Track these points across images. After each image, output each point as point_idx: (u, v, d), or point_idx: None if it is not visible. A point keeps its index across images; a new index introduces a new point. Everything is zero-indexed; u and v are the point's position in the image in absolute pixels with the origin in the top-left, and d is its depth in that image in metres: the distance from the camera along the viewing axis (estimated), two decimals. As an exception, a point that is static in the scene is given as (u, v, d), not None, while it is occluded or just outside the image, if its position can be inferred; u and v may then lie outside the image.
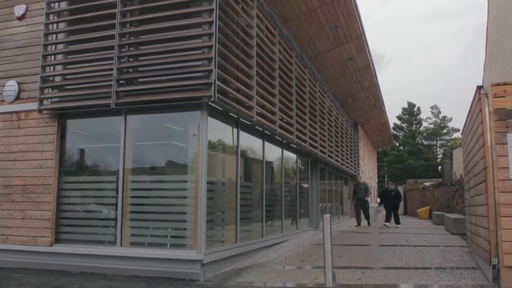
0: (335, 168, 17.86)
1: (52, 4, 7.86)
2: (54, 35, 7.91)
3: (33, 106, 7.77)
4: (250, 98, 8.08)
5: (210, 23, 6.71)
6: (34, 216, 7.57)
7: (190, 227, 6.78)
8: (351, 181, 21.50)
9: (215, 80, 6.49)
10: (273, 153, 10.59)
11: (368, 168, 28.97)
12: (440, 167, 58.49)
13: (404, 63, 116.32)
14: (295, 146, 11.90)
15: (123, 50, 7.20)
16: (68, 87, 7.71)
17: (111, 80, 7.04)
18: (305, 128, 12.05)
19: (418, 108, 70.83)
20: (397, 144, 66.82)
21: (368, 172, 28.83)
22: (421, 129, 71.25)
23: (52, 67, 7.84)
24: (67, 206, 7.62)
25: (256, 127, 9.03)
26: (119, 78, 7.07)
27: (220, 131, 7.82)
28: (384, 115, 23.99)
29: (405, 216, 31.31)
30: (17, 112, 8.03)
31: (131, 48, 7.32)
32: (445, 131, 71.03)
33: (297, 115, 11.22)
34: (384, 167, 65.80)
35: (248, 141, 9.03)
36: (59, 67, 7.84)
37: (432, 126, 71.58)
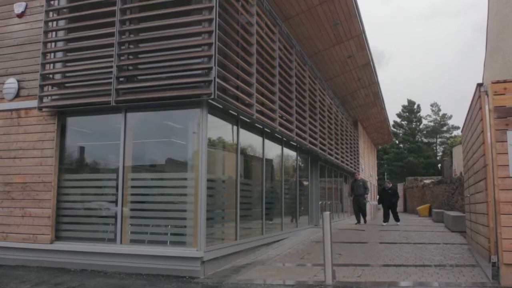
0: (335, 165, 17.86)
1: (51, 2, 7.86)
2: (54, 33, 7.92)
3: (33, 103, 7.77)
4: (250, 95, 8.08)
5: (210, 21, 6.70)
6: (34, 214, 7.58)
7: (190, 225, 6.79)
8: (351, 178, 21.50)
9: (215, 77, 6.49)
10: (273, 150, 10.60)
11: (368, 166, 28.98)
12: (440, 165, 58.51)
13: (404, 61, 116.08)
14: (295, 144, 11.90)
15: (123, 47, 7.20)
16: (68, 84, 7.71)
17: (111, 78, 7.05)
18: (305, 125, 12.05)
19: (418, 106, 70.76)
20: (397, 142, 66.72)
21: (368, 170, 28.84)
22: (421, 126, 71.16)
23: (52, 65, 7.84)
24: (67, 204, 7.63)
25: (256, 124, 9.03)
26: (119, 75, 7.07)
27: (220, 129, 7.82)
28: (384, 112, 23.97)
29: (404, 214, 31.37)
30: (17, 110, 8.03)
31: (131, 46, 7.32)
32: (445, 128, 70.96)
33: (297, 112, 11.22)
34: (384, 164, 65.83)
35: (248, 138, 9.03)
36: (59, 65, 7.84)
37: (432, 124, 71.51)
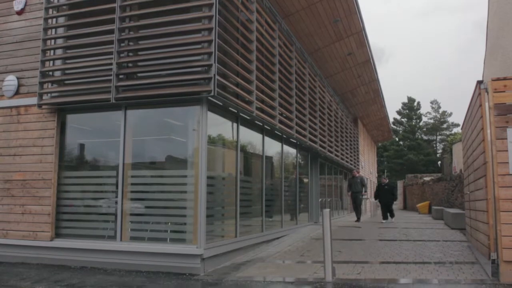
0: (335, 163, 17.87)
1: (51, -1, 7.84)
2: (54, 30, 7.89)
3: (32, 101, 7.76)
4: (249, 92, 8.07)
5: (210, 18, 6.69)
6: (34, 211, 7.58)
7: (190, 222, 6.80)
8: (349, 175, 21.51)
9: (214, 74, 6.48)
10: (273, 148, 10.59)
11: (368, 163, 29.00)
12: (439, 162, 58.48)
13: (404, 58, 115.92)
14: (295, 141, 11.90)
15: (122, 44, 7.19)
16: (68, 81, 7.70)
17: (111, 75, 7.04)
18: (304, 122, 12.04)
19: (418, 103, 70.69)
20: (397, 139, 66.69)
21: (368, 167, 28.86)
22: (421, 124, 71.12)
23: (51, 62, 7.83)
24: (67, 201, 7.64)
25: (256, 121, 9.03)
26: (118, 72, 7.06)
27: (220, 126, 7.81)
28: (384, 110, 23.97)
29: (404, 211, 31.40)
30: (16, 107, 8.02)
31: (130, 43, 7.30)
32: (445, 126, 70.92)
33: (296, 109, 11.21)
34: (384, 162, 65.84)
35: (248, 136, 9.03)
36: (58, 62, 7.83)
37: (432, 121, 71.45)
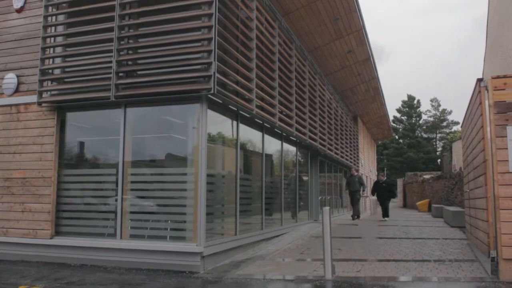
0: (335, 160, 17.87)
1: (50, -4, 7.82)
2: (53, 28, 7.89)
3: (32, 99, 7.76)
4: (249, 90, 8.07)
5: (209, 16, 6.68)
6: (34, 209, 7.59)
7: (190, 220, 6.80)
8: (348, 173, 21.50)
9: (214, 72, 6.48)
10: (272, 145, 10.59)
11: (367, 161, 29.00)
12: (439, 160, 58.49)
13: (404, 56, 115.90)
14: (294, 139, 11.90)
15: (122, 42, 7.18)
16: (68, 79, 7.69)
17: (111, 73, 7.03)
18: (304, 120, 12.04)
19: (418, 101, 70.71)
20: (396, 137, 66.73)
21: (367, 165, 28.87)
22: (420, 122, 71.16)
23: (51, 60, 7.82)
24: (67, 199, 7.64)
25: (256, 119, 9.02)
26: (118, 70, 7.06)
27: (219, 124, 7.81)
28: (384, 108, 23.97)
29: (404, 209, 31.41)
30: (16, 105, 8.02)
31: (130, 41, 7.29)
32: (444, 124, 70.96)
33: (296, 107, 11.21)
34: (384, 160, 65.87)
35: (248, 133, 9.02)
36: (58, 60, 7.82)
37: (431, 119, 71.49)
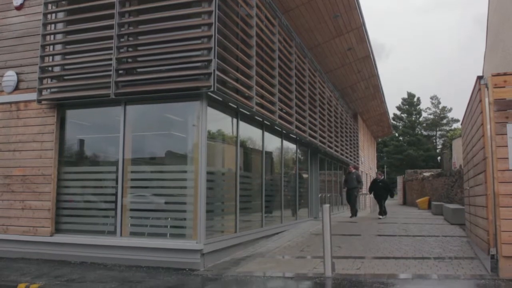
0: (335, 158, 17.87)
1: (50, -6, 7.80)
2: (53, 25, 7.87)
3: (32, 96, 7.75)
4: (249, 88, 8.06)
5: (209, 13, 6.67)
6: (34, 206, 7.59)
7: (190, 217, 6.80)
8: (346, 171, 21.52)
9: (214, 70, 6.47)
10: (272, 143, 10.59)
11: (367, 159, 29.01)
12: (439, 158, 58.50)
13: (404, 54, 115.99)
14: (294, 136, 11.90)
15: (122, 40, 7.17)
16: (67, 77, 7.69)
17: (110, 70, 7.02)
18: (304, 118, 12.03)
19: (418, 99, 70.70)
20: (396, 135, 66.76)
21: (367, 163, 28.88)
22: (420, 119, 71.16)
23: (51, 57, 7.81)
24: (67, 196, 7.64)
25: (256, 117, 9.02)
26: (118, 68, 7.05)
27: (219, 121, 7.81)
28: (384, 105, 23.94)
29: (404, 206, 31.43)
30: (16, 103, 8.01)
31: (130, 38, 7.28)
32: (444, 121, 70.98)
33: (296, 105, 11.20)
34: (384, 157, 65.90)
35: (248, 131, 9.02)
36: (58, 57, 7.80)
37: (431, 117, 71.49)
